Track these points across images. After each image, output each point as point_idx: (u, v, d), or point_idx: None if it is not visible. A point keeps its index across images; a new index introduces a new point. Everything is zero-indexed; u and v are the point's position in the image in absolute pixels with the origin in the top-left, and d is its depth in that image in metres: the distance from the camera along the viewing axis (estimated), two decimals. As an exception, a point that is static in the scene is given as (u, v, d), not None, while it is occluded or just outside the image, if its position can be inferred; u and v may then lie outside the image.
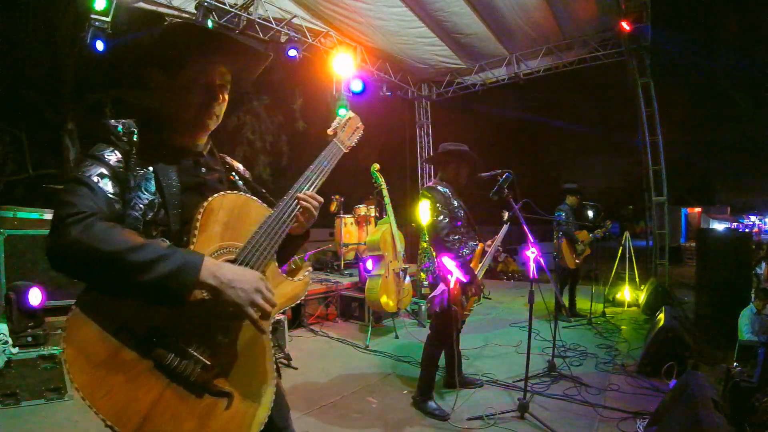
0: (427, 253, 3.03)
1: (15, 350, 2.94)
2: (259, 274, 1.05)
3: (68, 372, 0.88)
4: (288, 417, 1.36)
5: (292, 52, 6.08)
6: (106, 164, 1.04)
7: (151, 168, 1.10)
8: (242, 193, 1.18)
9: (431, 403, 2.97)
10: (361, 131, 1.48)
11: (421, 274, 3.03)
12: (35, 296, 3.17)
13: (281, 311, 1.20)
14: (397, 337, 4.77)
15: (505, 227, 3.15)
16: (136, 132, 1.11)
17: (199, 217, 1.04)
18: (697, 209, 20.15)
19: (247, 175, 1.42)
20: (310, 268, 1.29)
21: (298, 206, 1.20)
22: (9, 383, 2.88)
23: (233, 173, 1.35)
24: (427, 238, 2.97)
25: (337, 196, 6.53)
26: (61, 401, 2.99)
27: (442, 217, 2.85)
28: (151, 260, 0.90)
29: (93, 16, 4.50)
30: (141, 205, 1.06)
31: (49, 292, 3.44)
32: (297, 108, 12.99)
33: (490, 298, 6.97)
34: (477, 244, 3.07)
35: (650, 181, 6.50)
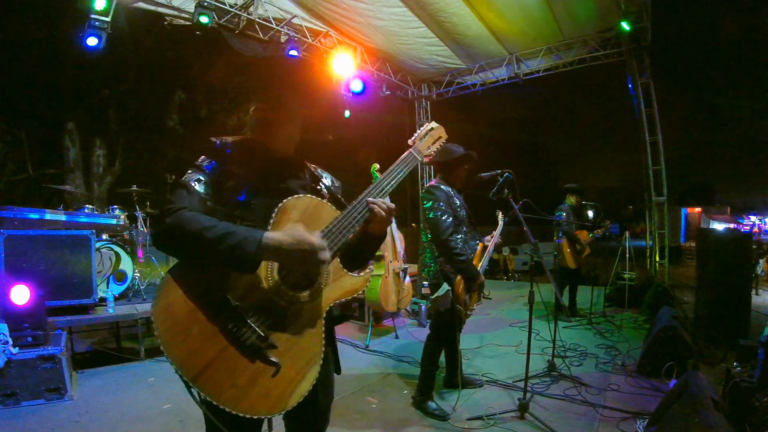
0: (429, 252, 3.03)
1: (15, 350, 2.94)
2: (305, 232, 1.17)
3: (154, 322, 1.11)
4: (330, 404, 1.54)
5: (293, 53, 6.08)
6: (204, 171, 1.32)
7: (243, 175, 1.33)
8: (316, 197, 1.32)
9: (431, 403, 2.97)
10: (444, 140, 1.61)
11: (423, 273, 3.03)
12: (20, 295, 3.11)
13: (338, 301, 1.32)
14: (397, 337, 4.77)
15: (501, 224, 3.16)
16: (231, 146, 1.38)
17: (274, 214, 1.23)
18: (697, 209, 20.15)
19: (337, 184, 1.62)
20: (371, 266, 1.42)
21: (367, 209, 1.33)
22: (9, 383, 2.89)
23: (320, 183, 1.53)
24: (429, 238, 2.96)
25: (337, 196, 6.53)
26: (61, 401, 2.99)
27: (445, 216, 2.85)
28: (222, 235, 1.12)
29: (93, 15, 4.50)
30: (230, 204, 1.30)
31: (49, 292, 3.44)
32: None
33: (490, 298, 6.97)
34: (477, 244, 3.08)
35: (650, 181, 6.50)
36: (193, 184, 1.28)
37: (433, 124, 1.58)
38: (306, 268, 1.23)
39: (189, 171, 1.33)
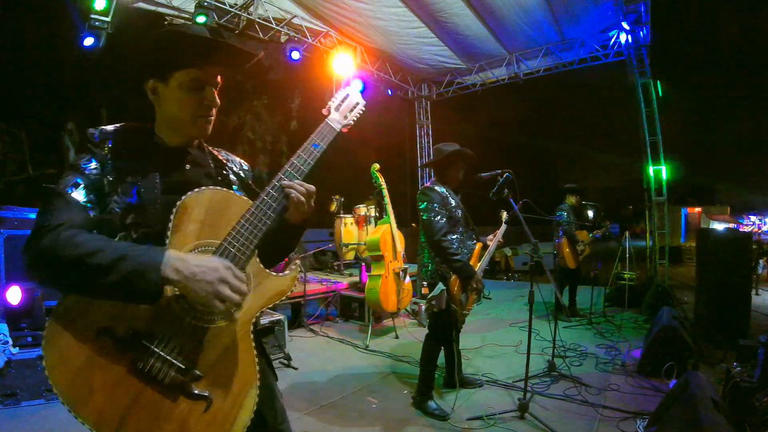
0: (426, 252, 3.02)
1: (15, 350, 2.94)
2: (225, 262, 1.00)
3: (49, 378, 0.90)
4: (285, 419, 1.35)
5: (295, 54, 6.09)
6: (82, 173, 1.07)
7: (130, 170, 1.10)
8: (220, 188, 1.12)
9: (431, 403, 2.96)
10: (362, 107, 1.38)
11: (421, 273, 3.04)
12: (13, 295, 3.11)
13: (269, 307, 1.14)
14: (397, 337, 4.77)
15: (504, 225, 3.15)
16: (111, 137, 1.13)
17: (172, 216, 1.03)
18: (697, 209, 20.15)
19: (246, 167, 1.39)
20: (298, 262, 1.25)
21: (283, 195, 1.13)
22: (9, 383, 2.88)
23: (226, 168, 1.31)
24: (424, 239, 2.96)
25: (336, 196, 6.53)
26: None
27: (439, 217, 2.84)
28: (112, 260, 0.91)
29: (93, 15, 4.50)
30: (118, 209, 1.07)
31: (49, 292, 3.44)
32: (295, 108, 13.01)
33: (490, 298, 6.97)
34: (475, 244, 3.07)
35: (650, 181, 6.50)
36: (70, 192, 1.03)
37: (348, 90, 1.37)
38: (217, 305, 0.97)
39: (66, 175, 1.07)
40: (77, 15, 4.44)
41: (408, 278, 4.71)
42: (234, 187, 1.28)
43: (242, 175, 1.35)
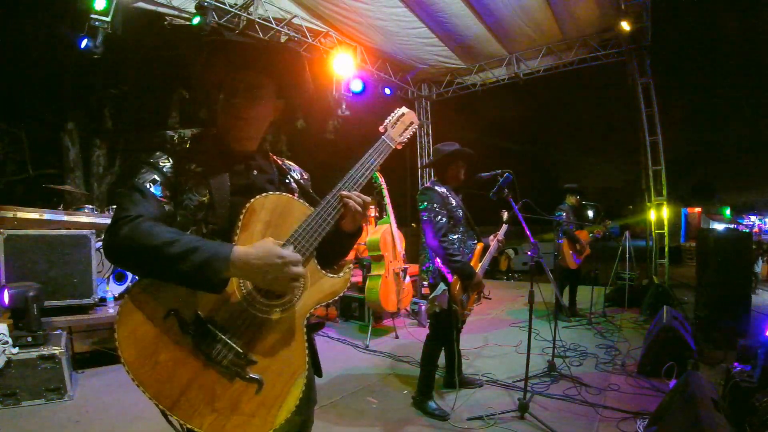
0: (426, 253, 3.02)
1: (15, 350, 2.94)
2: (276, 247, 1.07)
3: (118, 349, 1.01)
4: (312, 410, 1.45)
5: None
6: (159, 170, 1.17)
7: (204, 171, 1.20)
8: (285, 194, 1.21)
9: (431, 403, 2.96)
10: (416, 126, 1.49)
11: (422, 274, 3.04)
12: (4, 297, 3.12)
13: (320, 305, 1.23)
14: (397, 337, 4.77)
15: (505, 225, 3.15)
16: (188, 140, 1.24)
17: (241, 216, 1.13)
18: (697, 209, 20.15)
19: (306, 176, 1.50)
20: (351, 266, 1.31)
21: (341, 204, 1.22)
22: (9, 383, 2.88)
23: (288, 176, 1.41)
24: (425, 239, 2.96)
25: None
26: (61, 401, 2.99)
27: (439, 217, 2.84)
28: (185, 251, 1.00)
29: (93, 15, 4.49)
30: (192, 206, 1.18)
31: (49, 292, 3.44)
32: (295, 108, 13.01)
33: (490, 298, 6.97)
34: (476, 244, 3.07)
35: (650, 181, 6.50)
36: (147, 186, 1.13)
37: (404, 110, 1.46)
38: (280, 287, 1.09)
39: (142, 170, 1.17)
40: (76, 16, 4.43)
41: (408, 278, 4.71)
42: (295, 194, 1.35)
43: (302, 182, 1.45)
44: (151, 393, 1.00)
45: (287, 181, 1.40)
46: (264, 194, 1.16)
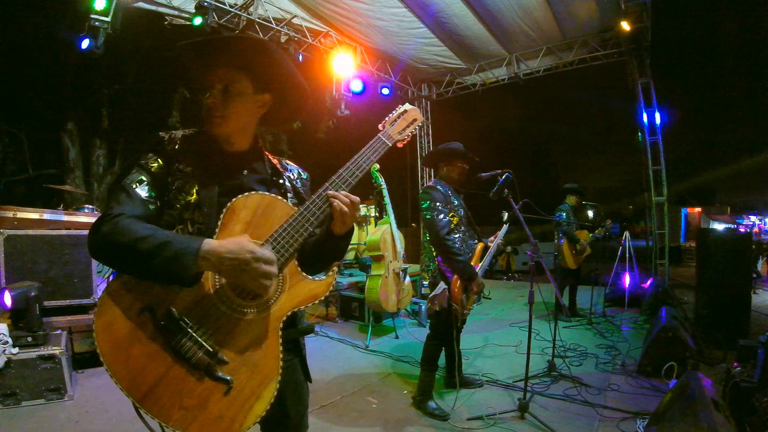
0: (428, 252, 3.02)
1: (15, 350, 2.94)
2: (248, 242, 1.06)
3: (95, 341, 1.03)
4: (305, 414, 1.46)
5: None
6: (147, 170, 1.19)
7: (193, 172, 1.21)
8: (268, 194, 1.19)
9: (431, 403, 2.96)
10: (419, 123, 1.45)
11: (424, 273, 3.04)
12: (5, 299, 3.11)
13: (296, 309, 1.20)
14: (397, 337, 4.77)
15: (505, 226, 3.15)
16: (179, 140, 1.24)
17: (222, 216, 1.13)
18: (697, 209, 20.14)
19: (304, 176, 1.47)
20: (336, 268, 1.28)
21: (327, 205, 1.19)
22: (9, 383, 2.88)
23: (283, 177, 1.39)
24: (428, 238, 2.96)
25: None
26: (61, 401, 2.99)
27: (442, 216, 2.85)
28: (156, 246, 1.02)
29: (93, 15, 4.49)
30: (179, 205, 1.19)
31: (49, 292, 3.45)
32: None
33: (490, 298, 6.97)
34: (476, 243, 3.08)
35: (650, 181, 6.50)
36: (134, 186, 1.16)
37: (407, 106, 1.42)
38: (250, 284, 1.06)
39: (132, 171, 1.19)
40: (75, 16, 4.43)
41: (408, 278, 4.71)
42: (288, 194, 1.35)
43: (298, 183, 1.42)
44: (122, 385, 1.02)
45: (281, 181, 1.37)
46: (246, 194, 1.15)
